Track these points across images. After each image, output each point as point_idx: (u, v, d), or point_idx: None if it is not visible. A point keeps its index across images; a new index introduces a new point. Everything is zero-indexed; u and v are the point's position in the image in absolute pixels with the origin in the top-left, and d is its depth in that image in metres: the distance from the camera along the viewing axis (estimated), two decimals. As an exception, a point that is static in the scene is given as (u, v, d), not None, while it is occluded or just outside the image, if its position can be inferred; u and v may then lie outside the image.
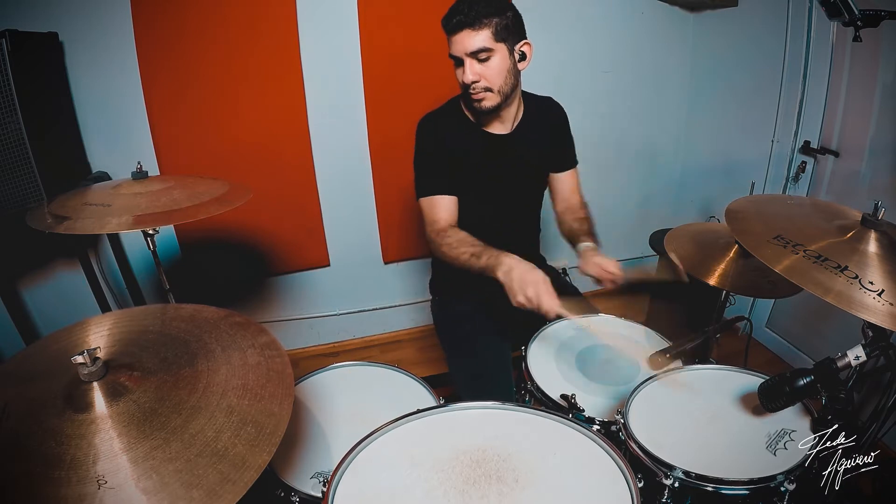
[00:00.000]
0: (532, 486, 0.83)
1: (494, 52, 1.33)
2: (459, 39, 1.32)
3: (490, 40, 1.31)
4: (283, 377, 0.86)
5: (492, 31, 1.31)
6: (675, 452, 0.99)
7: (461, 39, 1.32)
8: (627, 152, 2.77)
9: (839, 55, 1.98)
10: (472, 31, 1.30)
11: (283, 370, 0.88)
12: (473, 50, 1.32)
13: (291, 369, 0.89)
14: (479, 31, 1.30)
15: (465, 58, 1.33)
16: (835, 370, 0.92)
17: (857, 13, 1.17)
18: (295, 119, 2.21)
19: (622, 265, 1.42)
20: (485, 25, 1.30)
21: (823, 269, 0.92)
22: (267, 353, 0.91)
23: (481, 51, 1.32)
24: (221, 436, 0.74)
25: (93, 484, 0.67)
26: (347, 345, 2.70)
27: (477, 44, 1.31)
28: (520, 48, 1.37)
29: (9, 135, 1.60)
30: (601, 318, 1.54)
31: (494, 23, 1.31)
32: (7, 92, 1.57)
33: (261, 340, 0.94)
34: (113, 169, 2.05)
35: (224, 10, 2.00)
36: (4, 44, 1.54)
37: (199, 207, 1.33)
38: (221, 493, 0.67)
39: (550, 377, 1.31)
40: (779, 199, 1.39)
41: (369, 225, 2.49)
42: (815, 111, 2.11)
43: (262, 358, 0.90)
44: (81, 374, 0.77)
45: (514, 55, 1.37)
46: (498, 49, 1.33)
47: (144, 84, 2.01)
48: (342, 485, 0.85)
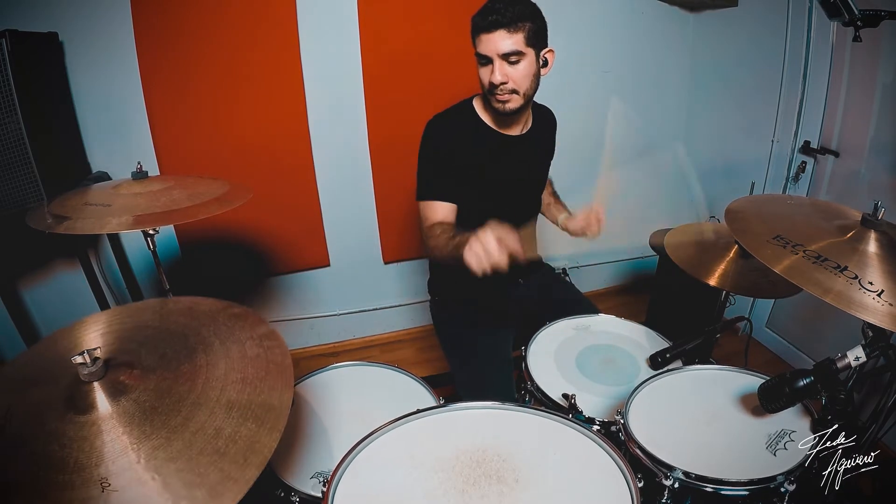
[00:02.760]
0: (532, 486, 0.84)
1: (525, 55, 1.31)
2: (492, 39, 1.29)
3: (522, 44, 1.30)
4: (282, 368, 0.86)
5: (525, 35, 1.29)
6: (675, 453, 0.99)
7: (494, 39, 1.29)
8: (627, 152, 2.77)
9: (839, 55, 1.98)
10: (507, 33, 1.28)
11: (282, 361, 0.87)
12: (506, 52, 1.30)
13: (291, 360, 0.88)
14: (514, 34, 1.28)
15: (495, 58, 1.31)
16: (835, 370, 0.92)
17: (856, 13, 1.17)
18: (295, 119, 2.21)
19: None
20: (520, 28, 1.28)
21: (823, 269, 0.92)
22: (266, 345, 0.90)
23: (513, 53, 1.30)
24: (222, 433, 0.74)
25: (97, 487, 0.67)
26: (347, 345, 2.70)
27: (510, 46, 1.29)
28: (544, 54, 1.37)
29: (9, 135, 1.60)
30: (601, 318, 1.54)
31: (528, 27, 1.29)
32: (7, 92, 1.57)
33: (259, 331, 0.93)
34: (113, 169, 2.05)
35: (224, 10, 2.00)
36: (4, 44, 1.54)
37: (199, 207, 1.33)
38: (223, 491, 0.67)
39: (550, 377, 1.31)
40: (779, 199, 1.39)
41: (369, 225, 2.49)
42: (815, 111, 2.11)
43: (261, 349, 0.89)
44: (82, 375, 0.77)
45: (539, 61, 1.37)
46: (528, 53, 1.32)
47: (144, 84, 2.01)
48: (342, 485, 0.85)
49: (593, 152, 2.60)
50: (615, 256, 2.99)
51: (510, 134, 1.52)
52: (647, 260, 2.84)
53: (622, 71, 2.56)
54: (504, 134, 1.51)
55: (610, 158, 1.51)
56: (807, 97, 2.13)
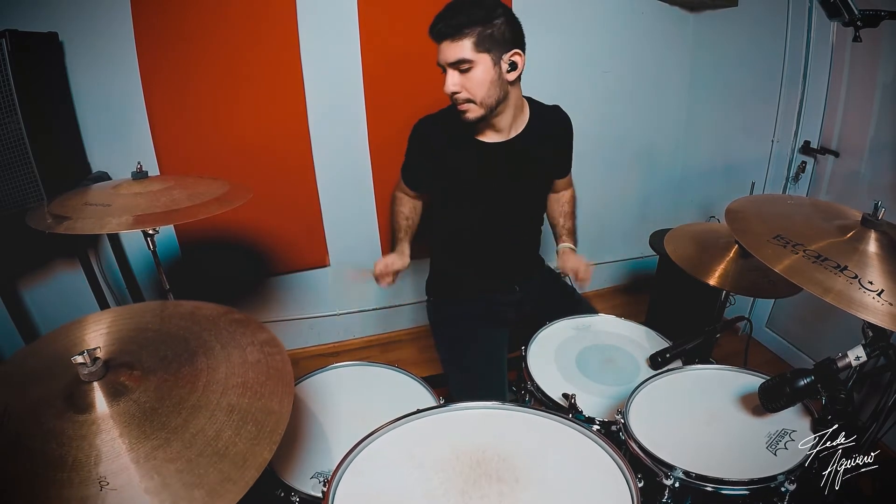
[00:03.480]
0: (532, 486, 0.84)
1: (475, 63, 1.27)
2: (441, 49, 1.29)
3: (471, 51, 1.26)
4: (282, 374, 0.86)
5: (473, 42, 1.25)
6: (675, 452, 0.99)
7: (442, 49, 1.29)
8: (627, 152, 2.77)
9: (839, 55, 1.98)
10: (452, 42, 1.26)
11: (282, 367, 0.88)
12: (453, 61, 1.28)
13: (291, 367, 0.88)
14: (458, 42, 1.25)
15: (447, 67, 1.30)
16: (835, 370, 0.92)
17: (856, 13, 1.17)
18: (295, 119, 2.21)
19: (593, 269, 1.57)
20: (465, 36, 1.25)
21: (823, 268, 0.92)
22: (266, 351, 0.91)
23: (461, 62, 1.27)
24: (222, 434, 0.74)
25: (95, 485, 0.67)
26: (347, 345, 2.70)
27: (456, 54, 1.26)
28: (509, 58, 1.31)
29: (9, 135, 1.60)
30: (601, 318, 1.54)
31: (477, 32, 1.25)
32: (7, 92, 1.57)
33: (260, 338, 0.94)
34: (113, 169, 2.05)
35: (224, 10, 2.00)
36: (4, 44, 1.54)
37: (199, 207, 1.33)
38: (222, 492, 0.67)
39: (550, 377, 1.31)
40: (779, 199, 1.39)
41: (369, 225, 2.49)
42: (815, 111, 2.11)
43: (262, 355, 0.90)
44: (82, 375, 0.77)
45: (499, 66, 1.30)
46: (480, 60, 1.27)
47: (144, 84, 2.01)
48: (342, 485, 0.85)
49: (593, 152, 2.62)
50: (615, 256, 2.99)
51: (490, 141, 1.48)
52: (647, 260, 2.84)
53: (622, 71, 2.56)
54: (482, 141, 1.48)
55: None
56: (807, 97, 2.13)
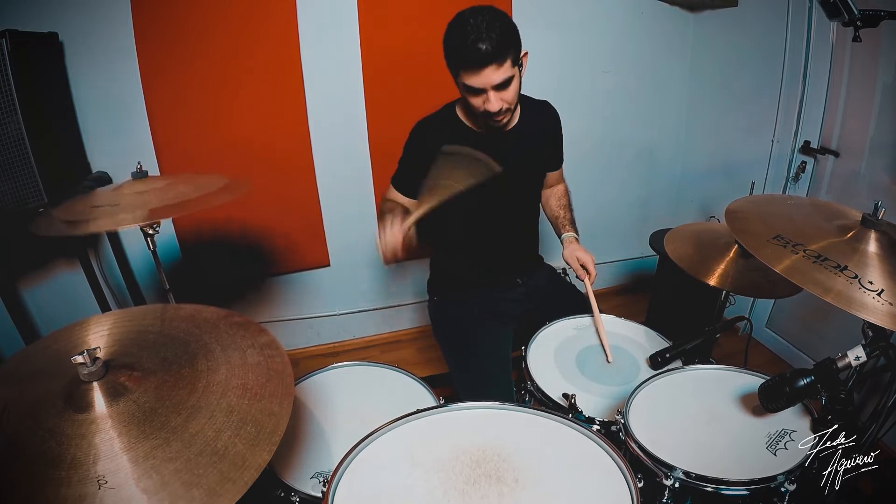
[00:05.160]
0: (532, 486, 0.84)
1: (514, 76, 1.30)
2: (483, 74, 1.25)
3: (511, 68, 1.27)
4: (282, 377, 0.86)
5: (511, 59, 1.26)
6: (675, 452, 0.99)
7: (487, 74, 1.24)
8: (627, 152, 2.77)
9: (839, 55, 1.98)
10: (498, 66, 1.24)
11: (282, 370, 0.88)
12: (500, 83, 1.27)
13: (291, 369, 0.89)
14: (504, 64, 1.25)
15: (489, 89, 1.28)
16: (835, 370, 0.92)
17: (856, 13, 1.17)
18: (295, 119, 2.21)
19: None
20: (508, 56, 1.25)
21: (823, 268, 0.92)
22: (267, 353, 0.91)
23: (506, 81, 1.28)
24: (221, 435, 0.74)
25: (93, 484, 0.67)
26: (347, 345, 2.70)
27: (502, 76, 1.26)
28: (521, 60, 1.34)
29: (9, 135, 1.60)
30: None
31: (512, 49, 1.26)
32: (7, 92, 1.57)
33: (261, 340, 0.94)
34: (113, 169, 2.05)
35: (224, 10, 2.00)
36: (4, 44, 1.54)
37: (208, 196, 1.33)
38: (221, 492, 0.67)
39: (550, 377, 1.31)
40: (779, 199, 1.39)
41: (369, 225, 2.48)
42: (815, 111, 2.11)
43: (262, 357, 0.90)
44: (81, 374, 0.77)
45: (521, 69, 1.35)
46: (515, 72, 1.30)
47: (144, 84, 2.01)
48: (342, 485, 0.85)
49: (593, 152, 2.63)
50: (615, 256, 2.99)
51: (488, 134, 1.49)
52: (647, 260, 2.84)
53: (622, 71, 2.56)
54: (479, 134, 1.49)
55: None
56: (807, 97, 2.13)
